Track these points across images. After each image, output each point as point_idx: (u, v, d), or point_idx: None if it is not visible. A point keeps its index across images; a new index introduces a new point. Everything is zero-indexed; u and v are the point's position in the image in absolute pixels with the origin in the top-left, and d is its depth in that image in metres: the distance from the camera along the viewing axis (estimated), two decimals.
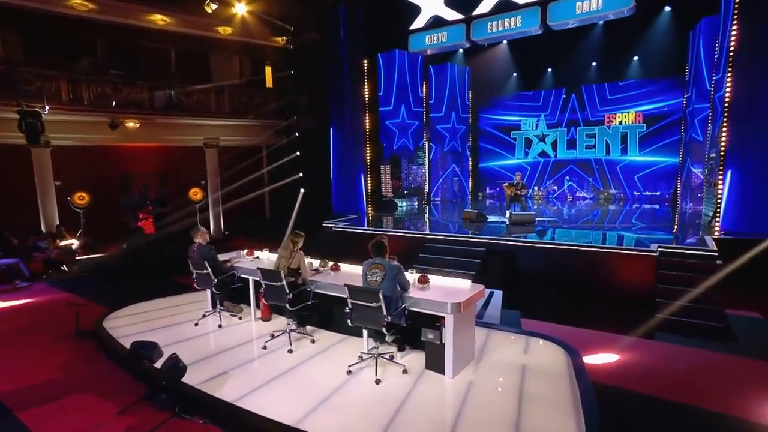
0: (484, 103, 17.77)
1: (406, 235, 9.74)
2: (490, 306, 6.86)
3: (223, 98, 12.50)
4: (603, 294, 7.16)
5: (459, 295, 4.52)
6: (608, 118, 16.01)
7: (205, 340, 5.41)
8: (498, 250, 8.41)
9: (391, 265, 4.44)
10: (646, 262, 7.14)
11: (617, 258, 7.38)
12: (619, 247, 7.49)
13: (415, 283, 4.84)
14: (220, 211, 14.45)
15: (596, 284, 7.37)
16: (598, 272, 7.47)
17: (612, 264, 7.41)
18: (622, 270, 7.35)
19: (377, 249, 4.57)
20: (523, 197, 11.03)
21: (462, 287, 4.85)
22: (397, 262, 4.58)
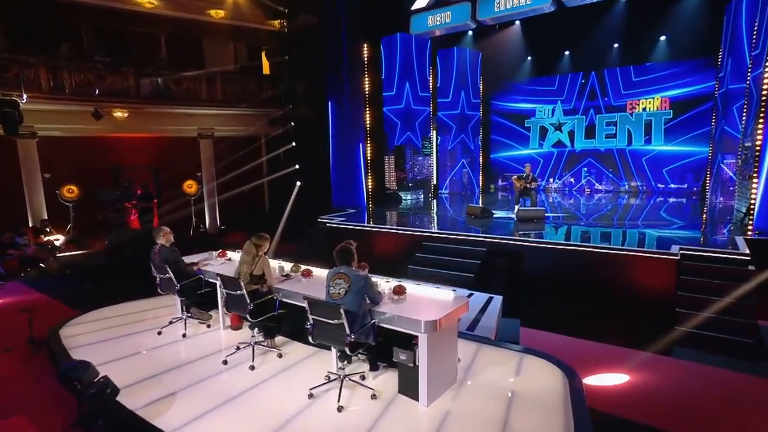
0: (496, 90, 17.09)
1: (403, 232, 9.21)
2: (486, 313, 6.29)
3: (214, 86, 12.10)
4: (615, 302, 6.52)
5: (437, 310, 3.97)
6: (631, 104, 15.12)
7: (164, 352, 5.01)
8: (501, 250, 7.85)
9: (356, 276, 3.91)
10: (666, 267, 6.47)
11: (633, 261, 6.73)
12: (634, 249, 6.81)
13: (389, 295, 4.31)
14: (215, 204, 14.13)
15: (608, 290, 6.74)
16: (611, 277, 6.83)
17: (626, 267, 6.76)
18: (638, 274, 6.69)
19: (342, 256, 4.05)
20: (533, 191, 10.39)
21: (443, 299, 4.30)
22: (365, 272, 4.06)
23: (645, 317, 6.16)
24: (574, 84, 15.89)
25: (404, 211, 12.68)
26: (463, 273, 7.55)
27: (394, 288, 4.34)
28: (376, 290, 4.04)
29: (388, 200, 13.74)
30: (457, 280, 7.51)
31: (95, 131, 11.35)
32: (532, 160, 16.52)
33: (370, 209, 12.69)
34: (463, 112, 16.01)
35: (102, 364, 4.62)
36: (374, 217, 11.69)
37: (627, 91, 15.12)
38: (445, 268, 7.78)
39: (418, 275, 7.98)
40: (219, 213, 14.42)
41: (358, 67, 12.36)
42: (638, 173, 15.18)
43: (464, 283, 7.38)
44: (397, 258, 8.77)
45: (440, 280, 7.60)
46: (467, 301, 4.28)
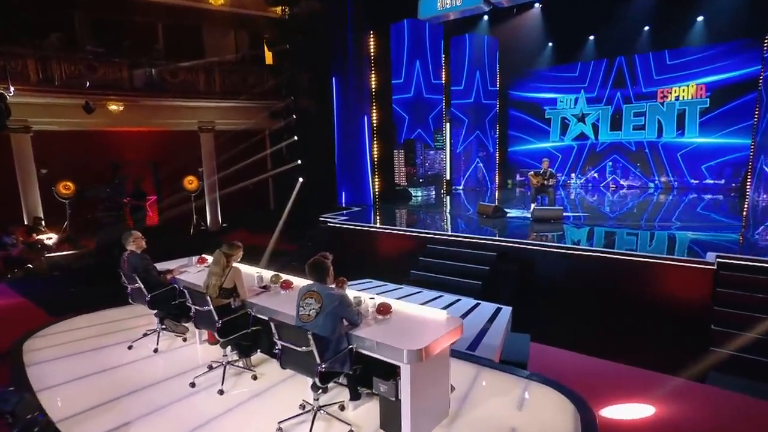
0: (513, 79, 16.38)
1: (406, 233, 8.69)
2: (492, 327, 5.75)
3: (213, 77, 11.75)
4: (640, 316, 5.90)
5: (425, 334, 3.46)
6: (662, 92, 14.23)
7: (130, 371, 4.64)
8: (512, 255, 7.27)
9: (330, 295, 3.43)
10: (700, 277, 5.80)
11: (661, 270, 6.08)
12: (663, 257, 6.15)
13: (372, 314, 3.81)
14: (217, 200, 13.84)
15: (632, 303, 6.10)
16: (636, 287, 6.20)
17: (654, 277, 6.12)
18: (668, 286, 6.04)
19: (314, 271, 3.57)
20: (551, 188, 9.74)
21: (435, 320, 3.78)
22: (341, 291, 3.56)
23: (675, 335, 5.52)
24: (599, 71, 15.08)
25: (413, 209, 12.23)
26: (469, 280, 7.03)
27: (377, 306, 3.84)
28: (353, 310, 3.54)
29: (397, 197, 13.32)
30: (462, 288, 6.99)
31: (91, 125, 11.13)
32: (553, 154, 15.83)
33: (377, 207, 12.21)
34: (478, 104, 15.39)
35: (57, 386, 4.29)
36: (379, 215, 11.23)
37: (658, 78, 14.24)
38: (450, 274, 7.27)
39: (421, 281, 7.52)
40: (221, 210, 14.13)
41: (364, 56, 11.85)
42: (669, 168, 14.35)
43: (470, 292, 6.86)
44: (400, 261, 8.29)
45: (444, 287, 7.12)
46: (461, 323, 3.76)
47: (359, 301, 3.96)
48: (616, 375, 5.04)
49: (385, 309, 3.83)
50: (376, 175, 12.33)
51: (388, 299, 4.20)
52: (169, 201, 13.01)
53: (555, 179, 9.77)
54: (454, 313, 6.22)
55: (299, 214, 12.59)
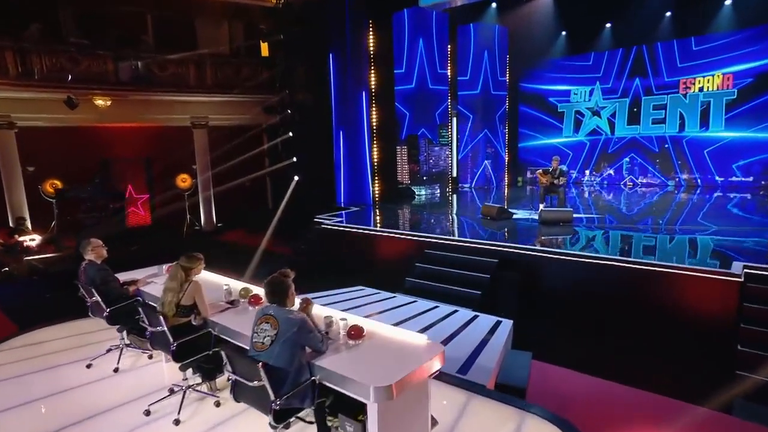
0: (524, 70, 15.84)
1: (403, 236, 8.26)
2: (490, 344, 5.30)
3: (204, 70, 11.43)
4: (656, 334, 5.40)
5: (398, 366, 3.03)
6: (684, 83, 13.57)
7: (83, 395, 4.29)
8: (515, 262, 6.79)
9: (288, 320, 3.01)
10: (725, 290, 5.28)
11: (680, 281, 5.56)
12: (682, 266, 5.62)
13: (343, 338, 3.39)
14: (211, 199, 13.58)
15: (648, 318, 5.61)
16: (652, 300, 5.70)
17: (672, 289, 5.61)
18: (687, 299, 5.53)
19: (271, 291, 3.16)
20: (561, 188, 9.22)
21: (414, 346, 3.35)
22: (301, 314, 3.14)
23: (695, 357, 5.02)
24: (616, 61, 14.48)
25: (414, 210, 11.82)
26: (467, 289, 6.59)
27: (349, 329, 3.41)
28: (316, 336, 3.12)
29: (399, 196, 12.92)
30: (460, 298, 6.56)
31: (78, 121, 10.89)
32: (565, 150, 15.24)
33: (376, 207, 11.80)
34: (486, 97, 14.88)
35: None
36: (377, 217, 10.82)
37: (680, 67, 13.59)
38: (448, 283, 6.85)
39: (416, 290, 7.10)
40: (216, 209, 13.87)
41: (363, 47, 11.40)
42: (693, 165, 13.70)
43: (469, 302, 6.42)
44: (396, 267, 7.90)
45: (441, 296, 6.70)
46: (442, 350, 3.31)
47: (330, 321, 3.54)
48: (628, 402, 4.58)
49: (356, 333, 3.40)
50: (377, 173, 11.90)
51: (363, 319, 3.78)
52: (162, 199, 12.77)
53: (565, 178, 9.25)
54: (448, 327, 5.83)
55: (295, 214, 12.25)
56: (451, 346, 5.17)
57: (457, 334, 5.55)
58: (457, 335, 5.53)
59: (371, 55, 11.27)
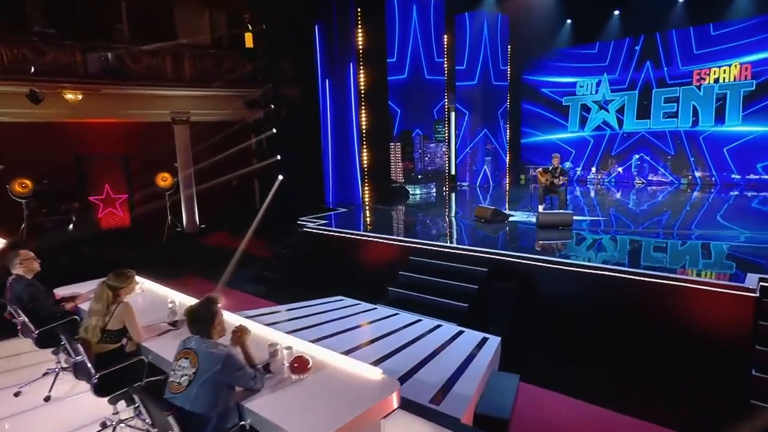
0: (527, 62, 15.50)
1: (387, 242, 7.87)
2: (473, 365, 4.85)
3: (182, 62, 11.04)
4: (661, 355, 4.96)
5: (343, 407, 2.62)
6: (698, 74, 13.09)
7: (8, 428, 3.91)
8: (506, 271, 6.37)
9: (210, 355, 2.60)
10: (737, 306, 4.82)
11: (687, 295, 5.12)
12: (688, 279, 5.17)
13: (287, 372, 2.98)
14: (194, 199, 13.21)
15: (651, 337, 5.17)
16: (655, 316, 5.28)
17: (678, 305, 5.17)
18: (695, 316, 5.09)
19: (193, 319, 2.75)
20: (561, 188, 8.77)
21: (366, 382, 2.94)
22: (228, 348, 2.72)
23: (704, 384, 4.56)
24: (625, 51, 14.03)
25: (407, 211, 11.45)
26: (453, 301, 6.18)
27: (292, 362, 3.00)
28: (246, 374, 2.70)
29: (393, 196, 12.55)
30: (445, 311, 6.14)
31: (48, 116, 10.53)
32: (570, 146, 14.86)
33: (366, 208, 11.41)
34: (486, 90, 14.47)
35: None
36: (364, 219, 10.45)
37: (694, 57, 13.12)
38: (433, 294, 6.45)
39: (400, 300, 6.71)
40: (199, 210, 13.51)
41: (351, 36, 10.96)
42: (706, 162, 13.28)
43: (454, 316, 6.01)
44: (380, 275, 7.52)
45: (425, 308, 6.28)
46: (398, 388, 2.90)
47: (275, 350, 3.14)
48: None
49: (300, 366, 2.99)
50: (367, 171, 11.50)
51: (313, 347, 3.38)
52: (142, 199, 12.43)
53: (566, 177, 8.80)
54: (428, 345, 5.38)
55: (280, 216, 11.89)
56: (428, 368, 4.75)
57: (436, 354, 5.12)
58: (437, 355, 5.11)
59: (359, 47, 10.82)
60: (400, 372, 4.40)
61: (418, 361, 4.81)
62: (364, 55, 10.90)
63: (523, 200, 10.36)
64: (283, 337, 3.58)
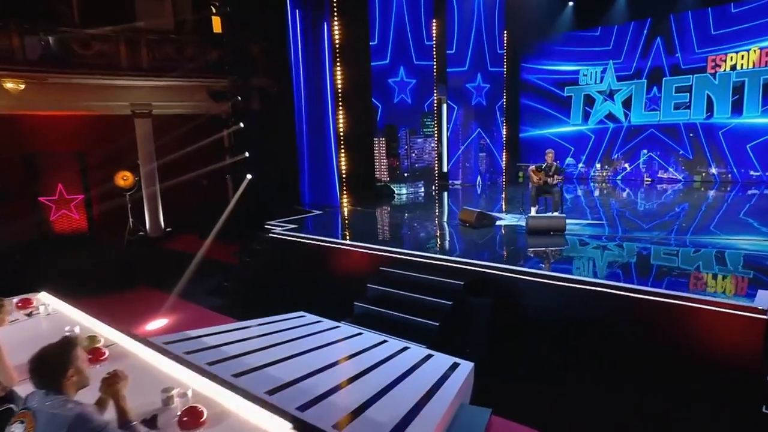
0: (525, 48, 15.24)
1: (356, 250, 7.49)
2: (437, 396, 4.41)
3: (138, 49, 10.64)
4: (660, 385, 4.54)
5: None
6: (713, 61, 12.82)
7: None
8: (486, 285, 5.97)
9: (52, 417, 2.16)
10: (746, 329, 4.39)
11: (689, 316, 4.71)
12: (687, 296, 4.75)
13: (174, 426, 2.54)
14: (158, 200, 12.85)
15: (649, 364, 4.76)
16: (656, 340, 4.88)
17: (681, 327, 4.79)
18: (698, 341, 4.69)
19: (37, 368, 2.29)
20: (556, 188, 8.35)
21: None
22: (81, 407, 2.24)
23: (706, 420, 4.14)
24: (632, 36, 13.78)
25: (387, 213, 11.20)
26: (424, 319, 5.79)
27: (180, 415, 2.55)
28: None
29: (377, 196, 12.21)
30: (415, 330, 5.75)
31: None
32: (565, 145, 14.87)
33: (345, 210, 11.01)
34: (480, 79, 14.15)
35: None
36: (340, 222, 10.15)
37: (708, 42, 12.85)
38: (402, 310, 6.07)
39: (366, 317, 6.33)
40: (164, 211, 13.14)
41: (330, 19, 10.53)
42: (722, 157, 13.04)
43: (424, 336, 5.62)
44: (349, 287, 7.13)
45: (394, 327, 5.89)
46: None
47: (168, 398, 2.70)
48: None
49: (191, 420, 2.54)
50: (345, 169, 11.05)
51: (218, 389, 2.94)
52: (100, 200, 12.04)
53: (562, 177, 8.37)
54: (389, 372, 4.89)
55: (251, 218, 11.50)
56: (383, 402, 4.32)
57: (396, 384, 4.70)
58: (396, 385, 4.69)
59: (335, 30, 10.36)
60: (349, 408, 3.99)
61: (373, 394, 4.39)
62: (342, 39, 10.46)
63: (517, 201, 9.98)
64: (189, 376, 3.15)
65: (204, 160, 12.48)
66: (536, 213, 8.38)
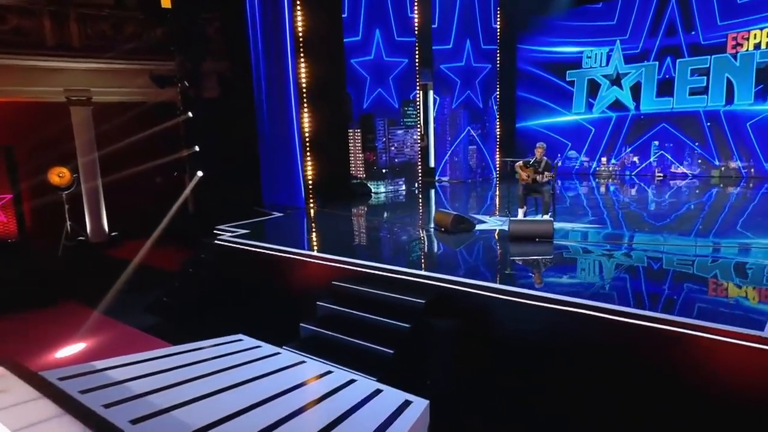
0: (521, 28, 15.29)
1: (308, 261, 7.12)
2: None
3: (65, 25, 10.24)
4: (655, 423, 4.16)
5: None
6: (734, 39, 12.69)
7: None
8: (451, 303, 5.58)
9: None
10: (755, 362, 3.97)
11: (693, 346, 4.29)
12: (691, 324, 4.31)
13: None
14: (100, 202, 12.48)
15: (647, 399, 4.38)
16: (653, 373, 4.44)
17: (678, 355, 4.36)
18: (699, 375, 4.29)
19: None
20: (547, 187, 8.07)
21: None
22: None
23: None
24: (642, 13, 13.60)
25: (362, 214, 10.95)
26: (377, 345, 5.39)
27: None
28: None
29: (352, 195, 12.00)
30: (366, 359, 5.36)
31: None
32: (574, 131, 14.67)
33: (311, 209, 10.66)
34: (469, 63, 13.99)
35: None
36: (302, 226, 9.87)
37: (728, 18, 12.71)
38: (353, 333, 5.66)
39: (313, 341, 5.95)
40: (108, 214, 12.75)
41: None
42: (745, 148, 12.94)
43: (375, 365, 5.23)
44: (298, 304, 6.80)
45: (340, 355, 5.52)
46: None
47: None
48: None
49: None
50: (310, 164, 10.64)
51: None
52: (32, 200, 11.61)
53: (553, 174, 7.98)
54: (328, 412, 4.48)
55: (204, 221, 11.13)
56: None
57: (332, 429, 4.31)
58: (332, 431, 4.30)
59: None
60: None
61: None
62: None
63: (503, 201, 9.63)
64: None
65: (156, 155, 12.10)
66: (523, 215, 8.00)
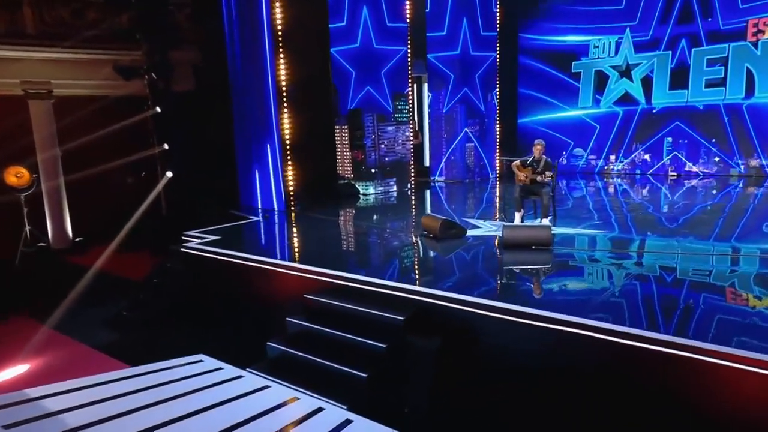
0: (522, 15, 15.35)
1: (279, 271, 6.89)
2: None
3: (17, 10, 10.08)
4: None
5: None
6: (755, 26, 12.67)
7: None
8: (433, 320, 5.37)
9: None
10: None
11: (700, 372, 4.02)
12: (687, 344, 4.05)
13: None
14: (63, 204, 12.27)
15: None
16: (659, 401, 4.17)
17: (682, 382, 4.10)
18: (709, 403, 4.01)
19: None
20: (546, 188, 7.93)
21: None
22: None
23: None
24: None
25: (349, 216, 10.95)
26: (349, 368, 5.13)
27: None
28: None
29: (339, 196, 11.96)
30: (337, 381, 5.14)
31: None
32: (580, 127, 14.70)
33: (292, 213, 10.53)
34: (466, 54, 13.93)
35: None
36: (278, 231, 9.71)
37: (746, 6, 12.70)
38: (324, 354, 5.40)
39: (282, 362, 5.67)
40: (72, 217, 12.55)
41: None
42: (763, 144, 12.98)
43: (347, 391, 5.00)
44: (266, 321, 6.57)
45: (308, 379, 5.29)
46: None
47: None
48: None
49: None
50: (290, 162, 10.46)
51: None
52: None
53: (553, 174, 7.75)
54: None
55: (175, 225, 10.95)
56: None
57: None
58: None
59: None
60: None
61: None
62: None
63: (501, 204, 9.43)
64: None
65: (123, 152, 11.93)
66: (521, 220, 7.76)
